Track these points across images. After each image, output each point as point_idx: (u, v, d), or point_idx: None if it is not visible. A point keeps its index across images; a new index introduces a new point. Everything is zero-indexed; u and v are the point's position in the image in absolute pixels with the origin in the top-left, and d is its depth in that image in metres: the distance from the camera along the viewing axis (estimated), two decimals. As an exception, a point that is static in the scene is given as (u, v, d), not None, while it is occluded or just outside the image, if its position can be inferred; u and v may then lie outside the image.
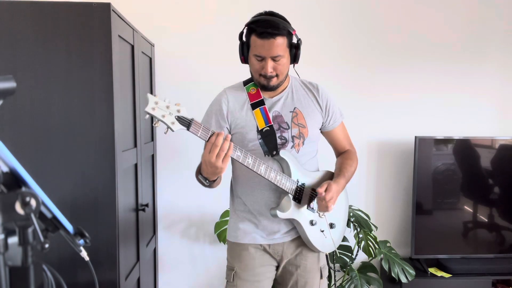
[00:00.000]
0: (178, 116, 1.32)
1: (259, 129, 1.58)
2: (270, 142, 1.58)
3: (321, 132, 1.73)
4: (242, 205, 1.67)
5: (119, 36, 1.80)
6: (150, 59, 2.49)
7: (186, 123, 1.33)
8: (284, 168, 1.59)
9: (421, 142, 2.59)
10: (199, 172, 1.52)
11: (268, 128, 1.59)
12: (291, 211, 1.57)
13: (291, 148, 1.61)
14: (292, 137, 1.61)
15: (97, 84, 1.68)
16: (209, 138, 1.38)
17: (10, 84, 0.70)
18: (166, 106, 1.31)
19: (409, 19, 2.74)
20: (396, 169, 2.83)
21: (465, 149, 2.70)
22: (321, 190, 1.54)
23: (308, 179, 1.63)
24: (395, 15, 2.73)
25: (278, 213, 1.56)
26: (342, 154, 1.79)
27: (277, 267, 1.69)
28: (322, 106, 1.67)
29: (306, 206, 1.61)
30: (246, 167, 1.48)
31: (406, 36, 2.74)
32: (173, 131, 1.32)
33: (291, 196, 1.58)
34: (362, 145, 2.76)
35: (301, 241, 1.67)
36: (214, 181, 1.51)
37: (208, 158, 1.37)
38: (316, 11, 2.68)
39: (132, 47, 2.05)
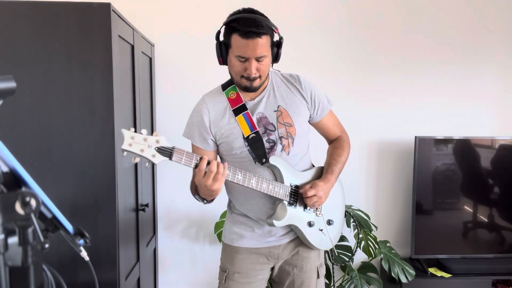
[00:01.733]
0: (158, 148, 1.26)
1: (245, 136, 1.53)
2: (257, 149, 1.52)
3: (310, 123, 1.67)
4: (238, 209, 1.65)
5: (119, 36, 1.80)
6: (150, 59, 2.49)
7: (168, 153, 1.28)
8: (276, 174, 1.55)
9: (421, 142, 2.59)
10: (195, 191, 1.50)
11: (254, 134, 1.52)
12: (287, 217, 1.54)
13: (281, 151, 1.56)
14: (280, 137, 1.55)
15: (97, 84, 1.68)
16: (199, 165, 1.34)
17: (10, 84, 0.70)
18: (143, 139, 1.25)
19: (409, 20, 2.73)
20: (396, 169, 2.82)
21: (465, 149, 2.70)
22: (302, 190, 1.54)
23: (301, 181, 1.59)
24: (396, 16, 2.73)
25: (275, 222, 1.53)
26: (333, 142, 1.73)
27: (273, 268, 1.67)
28: (306, 98, 1.60)
29: (302, 208, 1.58)
30: (237, 184, 1.44)
31: (407, 37, 2.74)
32: (155, 164, 1.27)
33: (286, 203, 1.54)
34: (362, 145, 2.76)
35: (298, 242, 1.64)
36: (211, 200, 1.50)
37: (204, 183, 1.35)
38: (317, 13, 2.68)
39: (132, 47, 2.05)
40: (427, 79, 2.77)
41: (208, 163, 1.35)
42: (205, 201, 1.49)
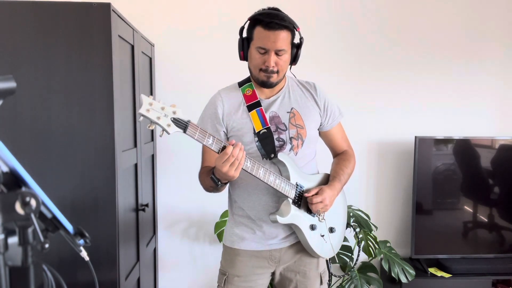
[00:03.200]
0: (174, 118, 1.27)
1: (256, 131, 1.54)
2: (267, 145, 1.53)
3: (319, 132, 1.69)
4: (240, 209, 1.62)
5: (119, 36, 1.80)
6: (150, 59, 2.49)
7: (183, 125, 1.29)
8: (282, 171, 1.54)
9: (421, 142, 2.59)
10: (211, 172, 1.47)
11: (265, 130, 1.54)
12: (291, 215, 1.52)
13: (290, 150, 1.57)
14: (290, 138, 1.57)
15: (97, 84, 1.68)
16: (223, 149, 1.36)
17: (10, 84, 0.70)
18: (161, 107, 1.26)
19: (409, 19, 2.73)
20: (396, 169, 2.82)
21: (465, 149, 2.70)
22: (308, 194, 1.53)
23: (307, 183, 1.59)
24: (396, 15, 2.73)
25: (278, 218, 1.51)
26: (339, 155, 1.74)
27: (274, 273, 1.65)
28: (320, 105, 1.64)
29: (306, 210, 1.57)
30: (245, 171, 1.43)
31: (406, 36, 2.74)
32: (168, 133, 1.27)
33: (290, 200, 1.53)
34: (362, 145, 2.76)
35: (299, 247, 1.62)
36: (225, 183, 1.49)
37: (221, 168, 1.36)
38: (318, 11, 2.68)
39: (132, 47, 2.05)
40: (427, 79, 2.77)
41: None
42: (219, 183, 1.45)
